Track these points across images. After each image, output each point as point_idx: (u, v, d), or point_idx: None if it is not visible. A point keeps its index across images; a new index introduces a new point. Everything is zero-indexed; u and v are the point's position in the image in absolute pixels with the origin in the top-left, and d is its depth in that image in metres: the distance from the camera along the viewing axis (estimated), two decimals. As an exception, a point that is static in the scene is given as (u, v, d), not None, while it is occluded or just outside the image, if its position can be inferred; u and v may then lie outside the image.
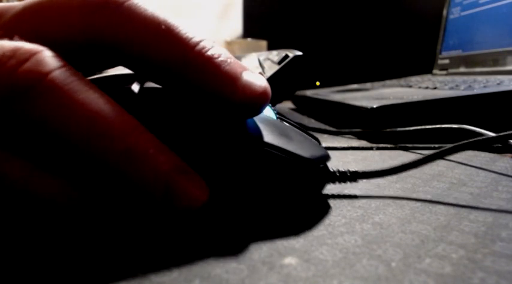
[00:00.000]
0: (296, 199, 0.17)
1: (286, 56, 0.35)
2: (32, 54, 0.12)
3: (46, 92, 0.12)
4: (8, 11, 0.14)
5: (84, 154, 0.12)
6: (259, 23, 0.97)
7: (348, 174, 0.18)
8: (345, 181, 0.18)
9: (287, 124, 0.18)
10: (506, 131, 0.20)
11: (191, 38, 0.14)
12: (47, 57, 0.12)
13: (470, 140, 0.19)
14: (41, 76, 0.12)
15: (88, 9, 0.14)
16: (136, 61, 0.14)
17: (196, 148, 0.14)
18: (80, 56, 0.14)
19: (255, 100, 0.14)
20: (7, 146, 0.12)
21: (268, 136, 0.15)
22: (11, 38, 0.13)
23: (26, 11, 0.14)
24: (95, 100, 0.12)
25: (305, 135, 0.18)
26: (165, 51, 0.14)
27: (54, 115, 0.12)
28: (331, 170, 0.17)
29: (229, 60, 0.14)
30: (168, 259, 0.12)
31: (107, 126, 0.12)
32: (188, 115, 0.15)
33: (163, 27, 0.14)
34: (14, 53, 0.12)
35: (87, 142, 0.12)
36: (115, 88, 0.14)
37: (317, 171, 0.16)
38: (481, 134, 0.25)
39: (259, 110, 0.15)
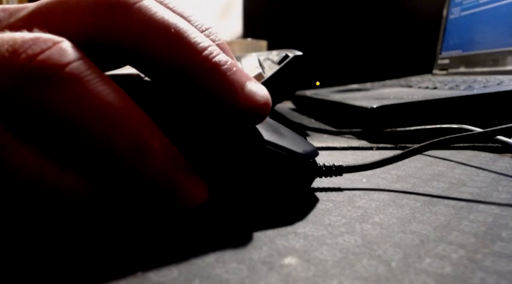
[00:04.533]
0: (288, 193, 0.17)
1: (286, 56, 0.35)
2: (54, 43, 0.12)
3: (65, 81, 0.12)
4: (20, 10, 0.15)
5: (97, 147, 0.13)
6: (259, 23, 0.97)
7: (334, 168, 0.19)
8: (331, 175, 0.19)
9: (276, 122, 0.19)
10: (505, 131, 0.20)
11: (199, 43, 0.14)
12: (68, 47, 0.13)
13: (454, 135, 0.20)
14: (60, 66, 0.12)
15: (99, 9, 0.14)
16: (144, 62, 0.15)
17: (199, 147, 0.15)
18: (90, 54, 0.14)
19: (256, 110, 0.15)
20: (22, 135, 0.13)
21: (266, 134, 0.16)
22: (30, 30, 0.13)
23: (39, 10, 0.14)
24: (111, 93, 0.13)
25: (293, 131, 0.19)
26: (173, 54, 0.14)
27: (70, 104, 0.12)
28: (319, 165, 0.18)
29: (234, 68, 0.15)
30: (168, 259, 0.12)
31: (120, 119, 0.13)
32: (191, 116, 0.15)
33: (172, 30, 0.14)
34: (35, 42, 0.12)
35: (100, 133, 0.12)
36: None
37: (308, 165, 0.17)
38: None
39: (260, 119, 0.15)
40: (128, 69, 0.16)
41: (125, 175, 0.13)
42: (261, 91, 0.15)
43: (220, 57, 0.15)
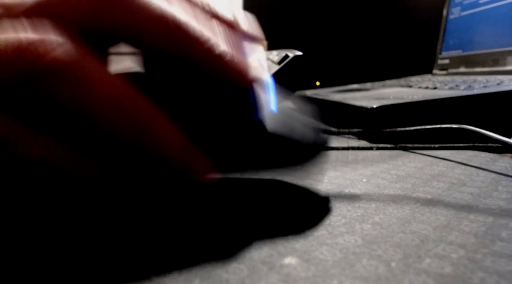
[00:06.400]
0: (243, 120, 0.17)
1: (286, 56, 0.35)
2: (58, 44, 0.13)
3: (71, 79, 0.13)
4: (19, 5, 0.15)
5: (108, 134, 0.14)
6: (259, 23, 0.97)
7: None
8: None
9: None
10: (505, 131, 0.20)
11: (197, 33, 0.15)
12: (71, 47, 0.13)
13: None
14: (66, 64, 0.13)
15: (98, 1, 0.15)
16: (139, 47, 0.16)
17: (194, 124, 0.15)
18: (89, 43, 0.14)
19: (239, 71, 0.15)
20: (31, 125, 0.14)
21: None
22: (28, 18, 0.14)
23: (38, 4, 0.15)
24: (115, 84, 0.14)
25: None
26: (169, 43, 0.15)
27: (78, 98, 0.13)
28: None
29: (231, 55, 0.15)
30: (168, 259, 0.12)
31: (126, 106, 0.14)
32: (182, 90, 0.16)
33: (169, 19, 0.15)
34: (40, 43, 0.13)
35: (110, 122, 0.14)
36: None
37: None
38: (481, 134, 0.25)
39: (245, 81, 0.16)
40: (127, 68, 0.17)
41: (131, 157, 0.14)
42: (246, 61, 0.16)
43: (220, 47, 0.15)
